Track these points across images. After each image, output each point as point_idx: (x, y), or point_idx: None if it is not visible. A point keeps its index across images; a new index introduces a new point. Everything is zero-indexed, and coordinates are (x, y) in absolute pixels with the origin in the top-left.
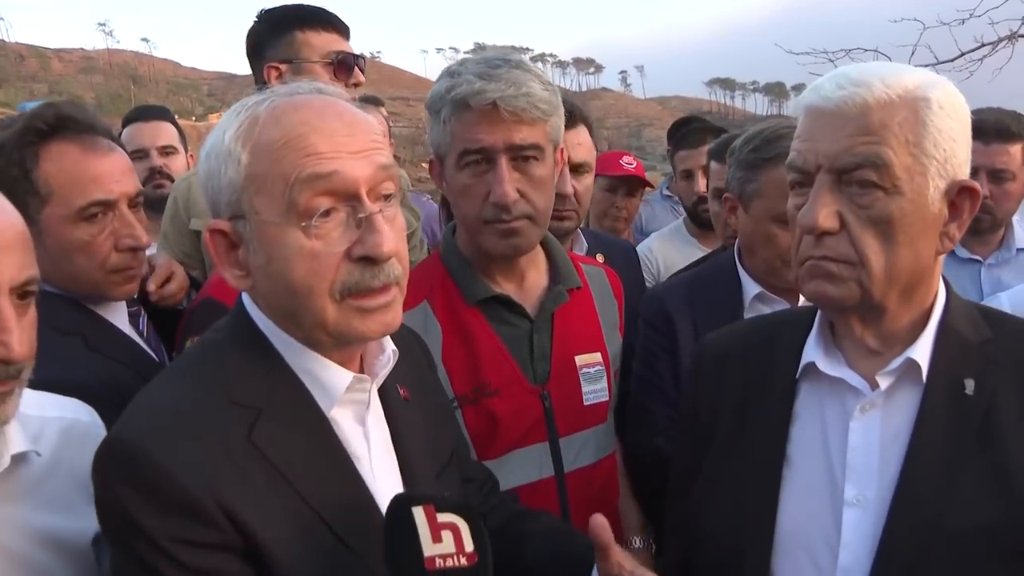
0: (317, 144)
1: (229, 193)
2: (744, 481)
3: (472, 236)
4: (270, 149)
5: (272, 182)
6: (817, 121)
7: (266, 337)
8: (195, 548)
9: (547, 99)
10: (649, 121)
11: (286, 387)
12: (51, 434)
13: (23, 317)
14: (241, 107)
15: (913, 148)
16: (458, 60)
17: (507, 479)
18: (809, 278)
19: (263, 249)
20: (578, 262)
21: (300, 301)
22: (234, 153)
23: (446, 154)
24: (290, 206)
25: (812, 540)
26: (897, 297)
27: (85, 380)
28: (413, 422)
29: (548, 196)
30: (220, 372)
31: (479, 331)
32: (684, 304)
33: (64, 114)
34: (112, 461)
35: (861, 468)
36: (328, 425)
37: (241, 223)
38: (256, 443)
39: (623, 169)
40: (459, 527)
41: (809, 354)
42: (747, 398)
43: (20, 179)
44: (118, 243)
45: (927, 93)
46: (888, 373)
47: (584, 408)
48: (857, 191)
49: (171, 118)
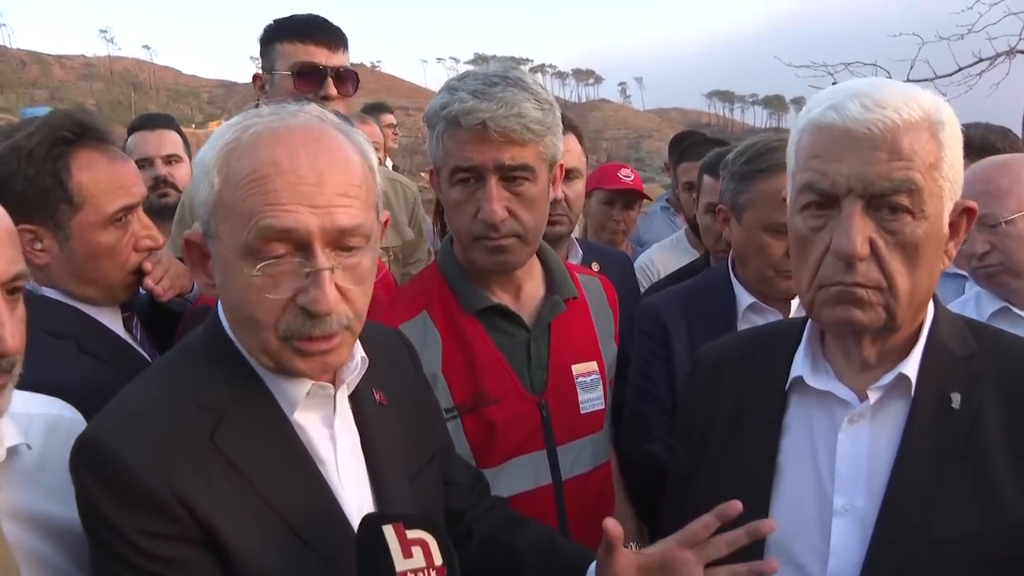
0: (279, 192)
1: (202, 211)
2: (736, 490)
3: (464, 250)
4: (237, 183)
5: (234, 216)
6: (842, 143)
7: (234, 344)
8: (157, 539)
9: (540, 119)
10: (648, 133)
11: (251, 392)
12: (38, 430)
13: (13, 312)
14: (234, 124)
15: (934, 172)
16: (459, 75)
17: (505, 487)
18: (835, 303)
19: (221, 271)
20: (574, 272)
21: (247, 328)
22: (210, 174)
23: (440, 168)
24: (245, 247)
25: (802, 548)
26: (911, 318)
27: (76, 383)
28: (387, 426)
29: (539, 215)
30: (190, 376)
31: (477, 341)
32: (679, 314)
33: (85, 122)
34: (82, 458)
35: (849, 478)
36: (291, 429)
37: (210, 241)
38: (218, 444)
39: (621, 183)
40: (428, 542)
41: (797, 368)
42: (740, 408)
43: (54, 188)
44: (137, 244)
45: (941, 115)
46: (879, 387)
47: (581, 416)
48: (887, 216)
49: (176, 126)
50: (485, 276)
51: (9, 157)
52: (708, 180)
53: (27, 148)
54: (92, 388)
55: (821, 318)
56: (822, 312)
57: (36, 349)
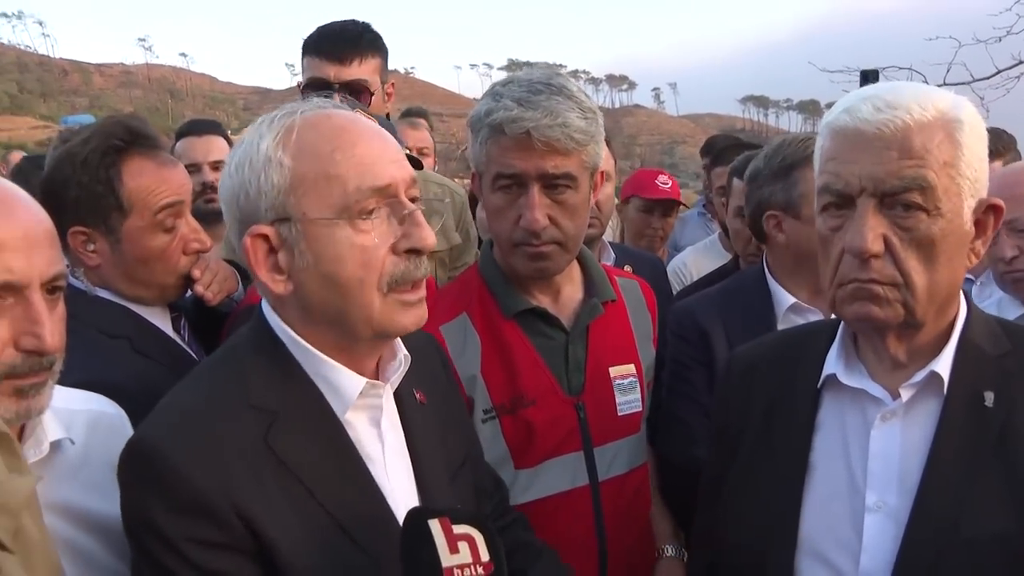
0: (367, 152)
1: (272, 197)
2: (768, 488)
3: (504, 255)
4: (317, 154)
5: (322, 184)
6: (855, 143)
7: (284, 344)
8: (206, 548)
9: (583, 128)
10: (682, 138)
11: (302, 392)
12: (80, 425)
13: (53, 311)
14: (269, 120)
15: (950, 170)
16: (503, 80)
17: (543, 487)
18: (852, 300)
19: (311, 249)
20: (613, 275)
21: (350, 296)
22: (275, 159)
23: (483, 173)
24: (343, 208)
25: (833, 545)
26: (934, 314)
27: (129, 382)
28: (428, 425)
29: (580, 223)
30: (239, 376)
31: (516, 343)
32: (716, 317)
33: (136, 129)
34: (132, 462)
35: (882, 475)
36: (342, 428)
37: (285, 226)
38: (271, 445)
39: (659, 191)
40: (474, 538)
41: (830, 366)
42: (773, 407)
43: (105, 194)
44: (186, 247)
45: (959, 115)
46: (911, 385)
47: (618, 418)
48: (901, 213)
49: (223, 132)
50: (524, 280)
51: (64, 163)
52: (737, 183)
53: (81, 155)
54: (144, 387)
55: (843, 315)
56: (843, 309)
57: (90, 348)
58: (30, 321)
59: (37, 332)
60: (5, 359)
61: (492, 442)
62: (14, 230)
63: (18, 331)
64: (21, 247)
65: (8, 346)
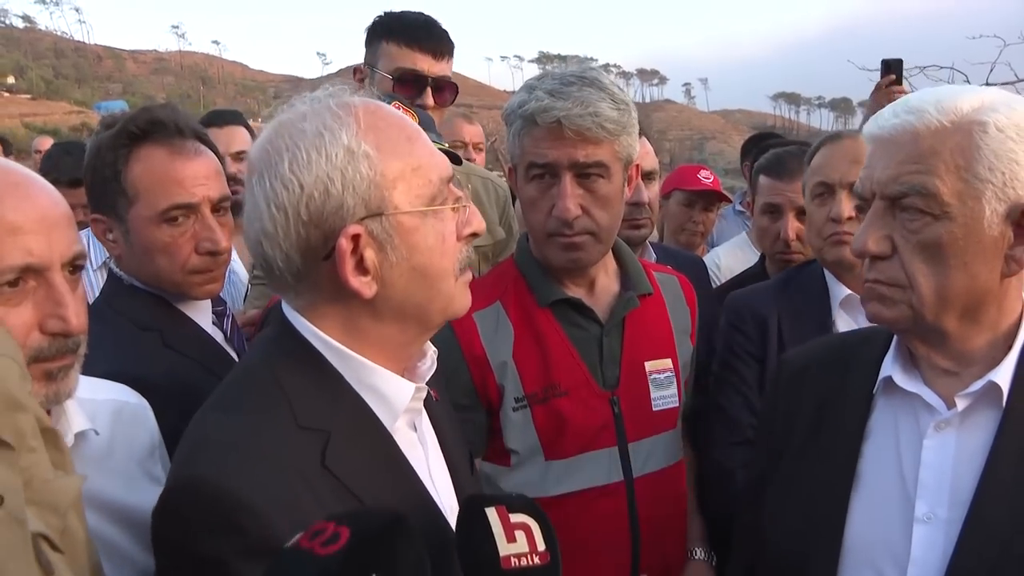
0: (427, 143)
1: (364, 191)
2: (814, 492)
3: (538, 246)
4: (394, 145)
5: (410, 175)
6: (875, 149)
7: (319, 353)
8: None
9: (615, 119)
10: (712, 134)
11: (350, 406)
12: (104, 415)
13: (75, 291)
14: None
15: (964, 173)
16: (538, 74)
17: (577, 481)
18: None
19: (405, 243)
20: (650, 269)
21: (436, 286)
22: (360, 151)
23: (517, 165)
24: (432, 197)
25: (880, 554)
26: (957, 320)
27: (157, 377)
28: (447, 421)
29: (613, 213)
30: (278, 394)
31: (550, 332)
32: (773, 307)
33: (156, 118)
34: (190, 502)
35: (933, 486)
36: (392, 440)
37: (377, 221)
38: (330, 468)
39: (701, 184)
40: (531, 527)
41: (887, 368)
42: (823, 411)
43: (111, 179)
44: (198, 246)
45: (984, 116)
46: (967, 395)
47: (653, 414)
48: (907, 217)
49: (244, 122)
50: (559, 271)
51: (90, 149)
52: (764, 180)
53: (100, 142)
54: (175, 382)
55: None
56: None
57: (120, 340)
58: (54, 303)
59: (62, 314)
60: (32, 343)
61: (523, 431)
62: (32, 212)
63: (43, 314)
64: (40, 229)
65: (34, 330)
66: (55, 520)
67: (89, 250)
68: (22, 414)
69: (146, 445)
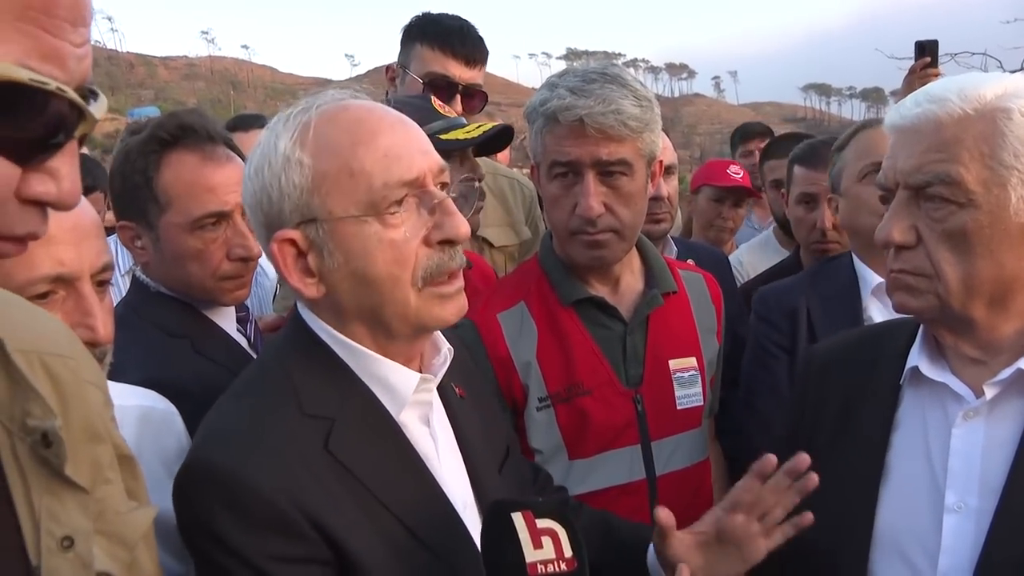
0: (391, 144)
1: (295, 199)
2: (843, 484)
3: (561, 244)
4: (337, 149)
5: (345, 181)
6: (897, 139)
7: (329, 347)
8: (287, 564)
9: (637, 116)
10: None
11: (355, 395)
12: (131, 420)
13: (102, 302)
14: (285, 118)
15: (989, 160)
16: (560, 72)
17: (599, 479)
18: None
19: (341, 248)
20: (675, 267)
21: (384, 293)
22: (294, 158)
23: (540, 163)
24: (370, 203)
25: (910, 544)
26: (985, 308)
27: (190, 383)
28: (472, 419)
29: (636, 211)
30: (287, 385)
31: (573, 331)
32: (802, 297)
33: (186, 124)
34: (197, 483)
35: (962, 475)
36: (399, 429)
37: (312, 227)
38: (333, 453)
39: (731, 179)
40: (558, 533)
41: (914, 359)
42: (850, 403)
43: (142, 186)
44: (230, 252)
45: (1008, 103)
46: (996, 383)
47: (677, 412)
48: (932, 206)
49: None
50: (583, 269)
51: (117, 156)
52: (799, 171)
53: (128, 148)
54: (207, 388)
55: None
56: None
57: (151, 347)
58: (82, 313)
59: (90, 324)
60: None
61: (546, 431)
62: (63, 222)
63: (71, 324)
64: (71, 239)
65: None
66: (123, 553)
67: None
68: (101, 446)
69: (173, 449)
